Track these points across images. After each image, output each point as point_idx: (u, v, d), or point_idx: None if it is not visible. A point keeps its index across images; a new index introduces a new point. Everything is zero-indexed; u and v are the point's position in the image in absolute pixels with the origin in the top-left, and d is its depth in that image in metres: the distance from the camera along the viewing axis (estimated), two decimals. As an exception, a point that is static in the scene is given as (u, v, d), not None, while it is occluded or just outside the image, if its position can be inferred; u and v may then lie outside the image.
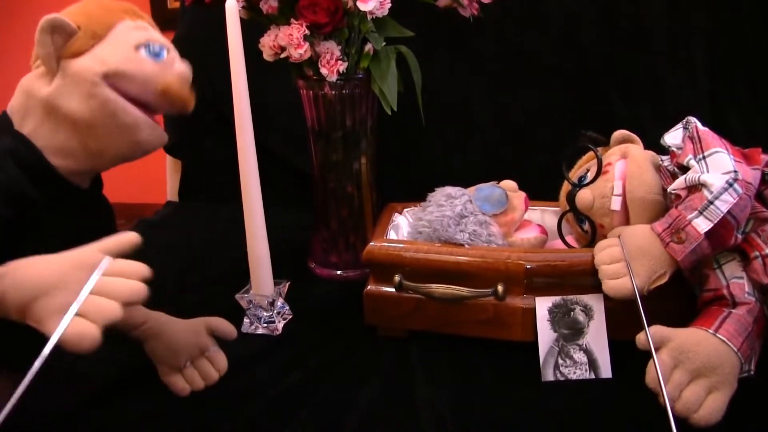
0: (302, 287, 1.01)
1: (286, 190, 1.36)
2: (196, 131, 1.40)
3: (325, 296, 1.03)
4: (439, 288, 0.82)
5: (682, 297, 0.78)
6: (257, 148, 0.86)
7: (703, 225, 0.71)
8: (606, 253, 0.77)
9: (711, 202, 0.71)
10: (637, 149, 0.86)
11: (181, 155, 1.48)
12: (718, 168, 0.73)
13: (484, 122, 1.32)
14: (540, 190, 0.98)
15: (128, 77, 0.67)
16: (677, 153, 0.81)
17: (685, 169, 0.78)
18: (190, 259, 1.18)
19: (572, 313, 0.80)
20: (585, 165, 0.91)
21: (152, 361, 0.79)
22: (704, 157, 0.75)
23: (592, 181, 0.86)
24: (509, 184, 0.92)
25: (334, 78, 0.93)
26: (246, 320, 0.92)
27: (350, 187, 1.05)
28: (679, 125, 0.84)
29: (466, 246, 0.84)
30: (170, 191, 1.51)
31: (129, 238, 0.61)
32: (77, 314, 0.54)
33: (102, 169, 0.74)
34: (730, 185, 0.71)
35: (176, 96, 0.71)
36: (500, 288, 0.80)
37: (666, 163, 0.84)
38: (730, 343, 0.68)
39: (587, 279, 0.80)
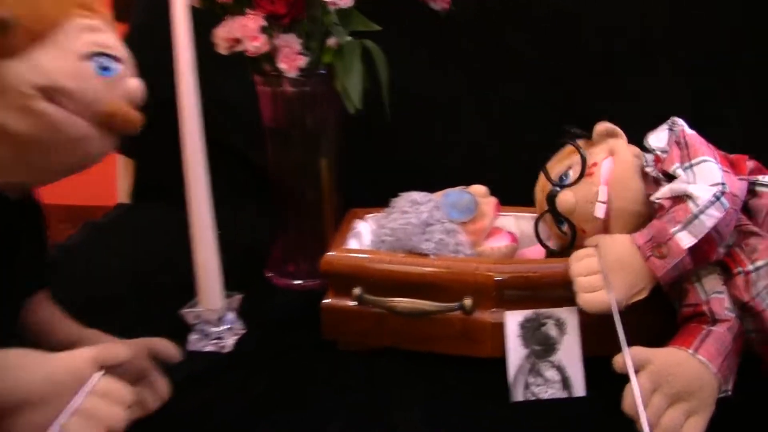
0: (257, 298, 0.93)
1: (245, 189, 1.29)
2: (150, 128, 1.32)
3: (281, 308, 0.96)
4: (402, 302, 0.77)
5: (661, 310, 0.74)
6: (214, 145, 0.80)
7: (686, 240, 0.67)
8: (582, 265, 0.72)
9: (696, 216, 0.67)
10: (623, 148, 0.80)
11: (133, 154, 1.40)
12: (706, 179, 0.69)
13: (459, 122, 1.26)
14: (512, 193, 0.93)
15: (69, 94, 0.57)
16: (662, 157, 0.76)
17: (669, 176, 0.73)
18: (135, 268, 1.10)
19: (544, 327, 0.75)
20: (566, 161, 0.84)
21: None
22: (691, 166, 0.71)
23: (575, 182, 0.80)
24: (479, 189, 0.86)
25: (293, 74, 0.87)
26: (193, 336, 0.85)
27: (310, 191, 0.99)
28: (665, 126, 0.79)
29: (432, 256, 0.79)
30: (122, 192, 1.43)
31: (118, 351, 0.61)
32: None
33: (46, 182, 0.65)
34: (717, 198, 0.66)
35: (121, 121, 0.61)
36: (468, 301, 0.75)
37: (649, 168, 0.79)
38: (710, 365, 0.64)
39: (561, 291, 0.75)
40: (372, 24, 0.93)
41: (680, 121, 0.77)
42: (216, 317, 0.83)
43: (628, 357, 0.63)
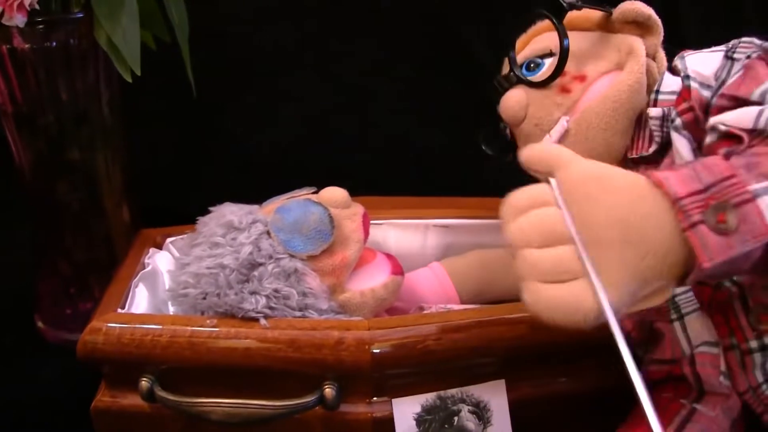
0: (27, 363, 0.71)
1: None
2: None
3: (59, 378, 0.69)
4: (219, 404, 0.48)
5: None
6: None
7: None
8: (531, 222, 0.37)
9: None
10: (636, 68, 0.50)
11: None
12: None
13: (297, 88, 0.97)
14: (385, 184, 0.69)
15: None
16: (701, 94, 0.45)
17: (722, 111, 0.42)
18: None
19: (456, 418, 0.50)
20: (548, 42, 0.55)
21: None
22: None
23: (540, 84, 0.52)
24: (334, 194, 0.56)
25: (19, 20, 0.58)
26: None
27: (81, 201, 0.71)
28: (720, 48, 0.47)
29: (263, 322, 0.48)
30: None
31: None
32: None
33: None
34: None
35: None
36: (329, 391, 0.48)
37: (653, 114, 0.49)
38: None
39: (479, 359, 0.51)
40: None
41: (755, 42, 0.46)
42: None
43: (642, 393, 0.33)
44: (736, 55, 0.43)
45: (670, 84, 0.48)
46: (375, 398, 0.50)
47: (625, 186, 0.36)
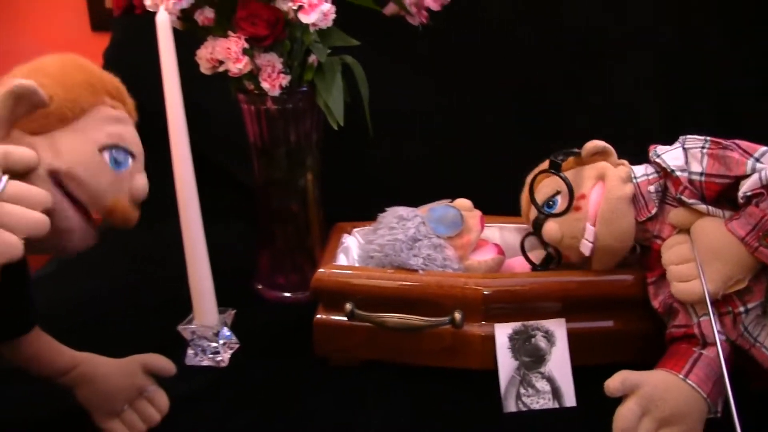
0: (249, 312, 0.94)
1: (229, 203, 1.29)
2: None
3: (273, 321, 0.97)
4: (393, 317, 0.78)
5: (650, 318, 0.77)
6: (197, 160, 0.80)
7: None
8: (674, 252, 0.71)
9: None
10: (612, 178, 0.76)
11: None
12: None
13: (435, 133, 1.28)
14: (496, 203, 0.94)
15: (79, 182, 0.57)
16: (682, 178, 0.72)
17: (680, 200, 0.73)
18: (124, 283, 1.10)
19: (533, 339, 0.77)
20: (553, 184, 0.82)
21: (85, 408, 0.72)
22: (760, 158, 0.67)
23: (562, 213, 0.79)
24: (463, 202, 0.88)
25: (276, 92, 0.88)
26: (190, 352, 0.86)
27: (296, 205, 1.00)
28: (676, 144, 0.75)
29: (420, 272, 0.80)
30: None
31: (20, 150, 0.52)
32: None
33: None
34: None
35: (120, 217, 0.61)
36: (457, 316, 0.76)
37: (651, 189, 0.77)
38: (699, 390, 0.66)
39: (548, 303, 0.78)
40: (351, 39, 0.93)
41: (695, 137, 0.74)
42: (211, 333, 0.84)
43: (719, 347, 0.66)
44: (688, 147, 0.73)
45: (638, 170, 0.77)
46: (483, 322, 0.78)
47: (715, 234, 0.69)
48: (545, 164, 0.84)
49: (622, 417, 0.64)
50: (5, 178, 0.49)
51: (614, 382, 0.65)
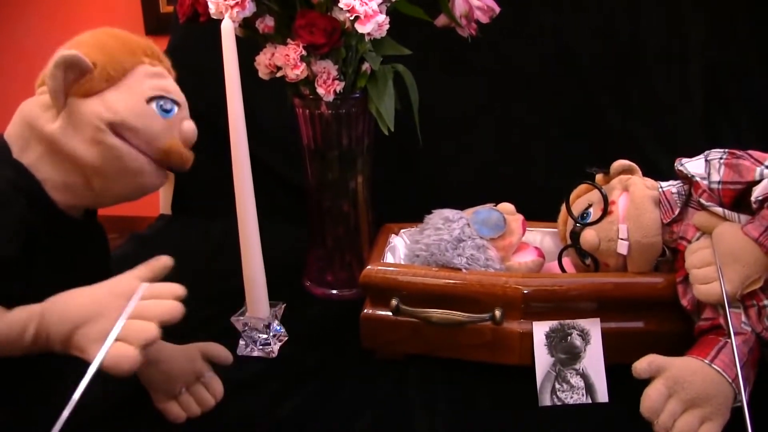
0: (298, 307, 1.00)
1: (280, 204, 1.35)
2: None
3: (320, 316, 1.02)
4: (436, 313, 0.82)
5: (680, 320, 0.80)
6: (252, 162, 0.85)
7: None
8: (696, 257, 0.75)
9: None
10: (637, 183, 0.84)
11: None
12: None
13: (481, 140, 1.32)
14: (537, 209, 0.98)
15: (134, 131, 0.67)
16: (701, 183, 0.77)
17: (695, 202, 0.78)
18: (182, 277, 1.16)
19: (569, 337, 0.80)
20: (586, 196, 0.89)
21: (145, 388, 0.78)
22: None
23: (597, 221, 0.85)
24: (507, 206, 0.92)
25: (330, 98, 0.93)
26: (242, 342, 0.91)
27: (346, 205, 1.04)
28: (700, 156, 0.80)
29: (464, 270, 0.84)
30: (163, 204, 1.49)
31: (162, 262, 0.64)
32: (117, 339, 0.56)
33: (102, 206, 0.74)
34: None
35: (177, 158, 0.71)
36: (498, 313, 0.80)
37: (674, 190, 0.82)
38: (724, 374, 0.68)
39: (584, 303, 0.81)
40: (403, 48, 0.98)
41: (718, 150, 0.78)
42: (263, 325, 0.89)
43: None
44: (709, 158, 0.77)
45: (664, 183, 0.82)
46: (522, 320, 0.81)
47: (732, 237, 0.72)
48: (580, 188, 0.92)
49: (649, 397, 0.67)
50: (144, 285, 0.61)
51: (642, 364, 0.69)
